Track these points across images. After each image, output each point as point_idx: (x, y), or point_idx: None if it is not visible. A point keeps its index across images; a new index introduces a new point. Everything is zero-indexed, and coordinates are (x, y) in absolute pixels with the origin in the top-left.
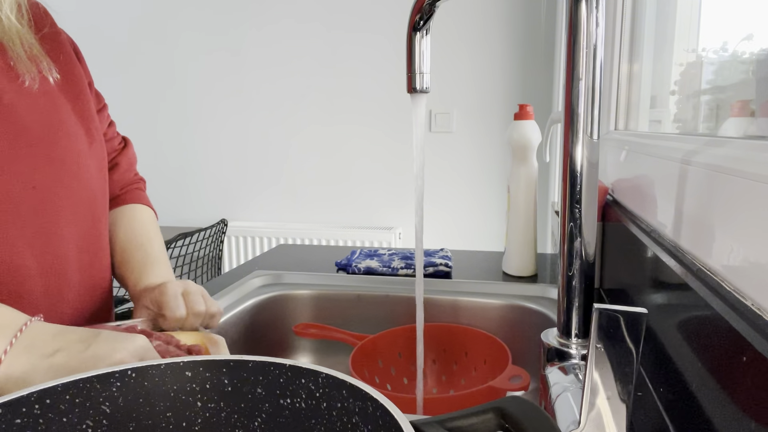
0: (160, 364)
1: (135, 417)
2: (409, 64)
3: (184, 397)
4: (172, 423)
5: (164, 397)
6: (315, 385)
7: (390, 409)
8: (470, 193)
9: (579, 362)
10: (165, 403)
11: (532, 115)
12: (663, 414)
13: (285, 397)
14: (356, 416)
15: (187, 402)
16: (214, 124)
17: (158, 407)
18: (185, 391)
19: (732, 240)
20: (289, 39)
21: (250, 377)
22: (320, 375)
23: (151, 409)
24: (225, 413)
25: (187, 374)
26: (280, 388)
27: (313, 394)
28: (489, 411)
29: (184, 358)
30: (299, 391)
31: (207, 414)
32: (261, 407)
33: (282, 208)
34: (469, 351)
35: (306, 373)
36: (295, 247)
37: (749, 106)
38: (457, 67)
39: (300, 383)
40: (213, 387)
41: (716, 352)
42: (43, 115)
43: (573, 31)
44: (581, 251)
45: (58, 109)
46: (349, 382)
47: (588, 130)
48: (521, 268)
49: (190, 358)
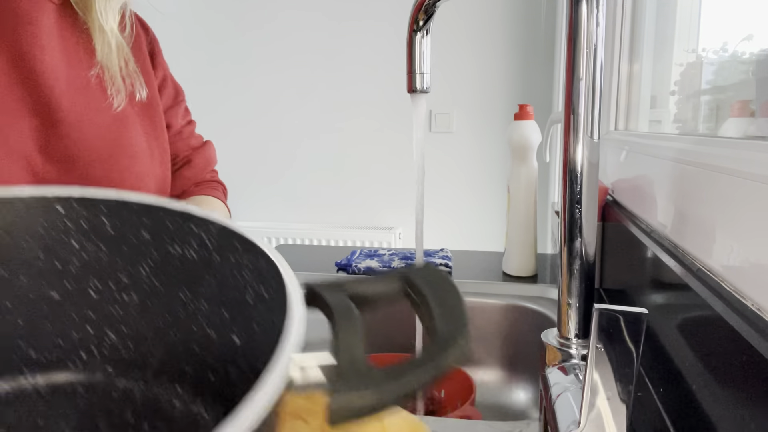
0: (23, 196)
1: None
2: (410, 64)
3: (56, 235)
4: (43, 263)
5: (33, 234)
6: (207, 234)
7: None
8: (470, 193)
9: (579, 362)
10: (34, 241)
11: (532, 115)
12: (663, 414)
13: (173, 244)
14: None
15: (61, 241)
16: (214, 123)
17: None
18: (57, 228)
19: (732, 240)
20: (291, 40)
21: (133, 218)
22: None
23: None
24: (107, 257)
25: (58, 209)
26: (168, 233)
27: (204, 244)
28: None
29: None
30: (189, 239)
31: (84, 255)
32: (146, 252)
33: (282, 208)
34: None
35: (198, 222)
36: (295, 247)
37: (749, 106)
38: (457, 67)
39: (191, 230)
40: (92, 227)
41: (716, 353)
42: (109, 134)
43: (573, 31)
44: (581, 251)
45: (128, 128)
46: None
47: (588, 130)
48: (521, 269)
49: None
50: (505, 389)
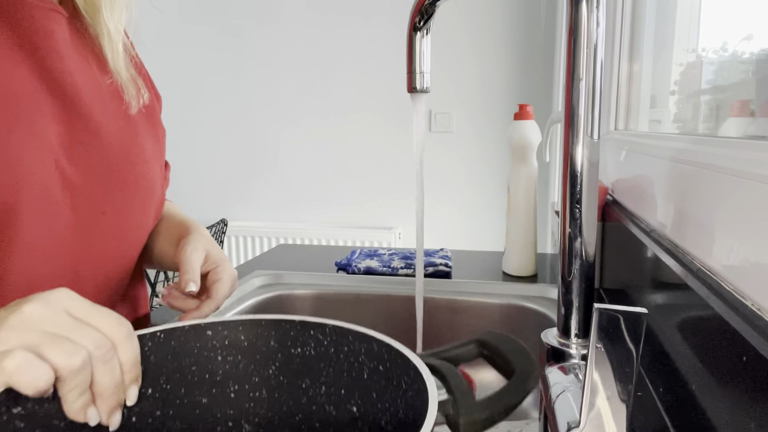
0: (184, 325)
1: (165, 371)
2: (410, 64)
3: (206, 353)
4: (196, 375)
5: (189, 354)
6: (323, 335)
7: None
8: (470, 193)
9: (579, 362)
10: (190, 359)
11: (532, 115)
12: (663, 414)
13: (296, 347)
14: (362, 356)
15: (209, 357)
16: (214, 123)
17: (184, 362)
18: (207, 347)
19: (732, 240)
20: (290, 38)
21: (263, 333)
22: (327, 326)
23: (178, 364)
24: (243, 364)
25: (208, 333)
26: (291, 339)
27: (321, 342)
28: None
29: (204, 320)
30: (309, 341)
31: (227, 366)
32: (275, 357)
33: (282, 208)
34: None
35: (314, 326)
36: (295, 247)
37: (749, 106)
38: (457, 67)
39: (309, 334)
40: (231, 343)
41: (716, 353)
42: (125, 138)
43: (573, 31)
44: (581, 251)
45: (139, 133)
46: (354, 329)
47: (588, 130)
48: (521, 268)
49: (210, 320)
50: None
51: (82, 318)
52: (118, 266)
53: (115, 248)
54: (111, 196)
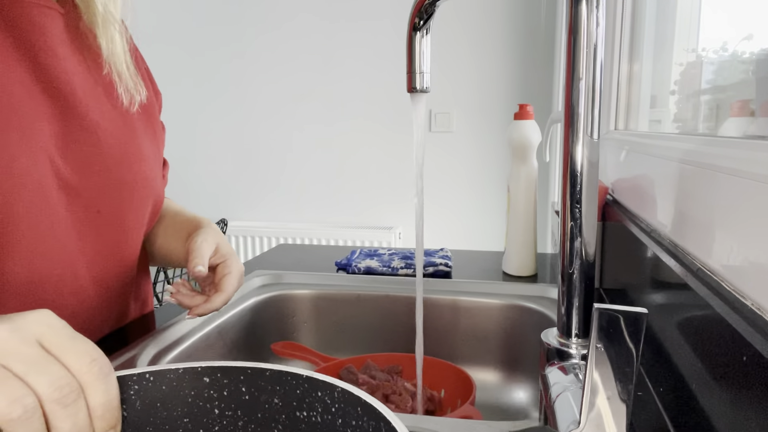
0: (178, 368)
1: (152, 421)
2: (410, 64)
3: (202, 404)
4: (189, 429)
5: (182, 403)
6: (331, 399)
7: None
8: (470, 193)
9: (579, 362)
10: (182, 409)
11: (532, 115)
12: (663, 414)
13: (302, 410)
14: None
15: (205, 408)
16: (214, 123)
17: (175, 412)
18: (203, 397)
19: (732, 240)
20: (291, 38)
21: (267, 386)
22: (336, 389)
23: (168, 414)
24: (242, 422)
25: (205, 380)
26: (296, 399)
27: (328, 408)
28: None
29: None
30: (315, 404)
31: (224, 422)
32: (278, 418)
33: (282, 208)
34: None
35: (322, 386)
36: (295, 247)
37: (749, 106)
38: (457, 67)
39: (316, 396)
40: (230, 394)
41: (716, 353)
42: (122, 136)
43: (573, 31)
44: (581, 251)
45: (135, 132)
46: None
47: (588, 130)
48: (521, 268)
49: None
50: (505, 389)
51: (53, 350)
52: (117, 265)
53: (113, 247)
54: (107, 194)
